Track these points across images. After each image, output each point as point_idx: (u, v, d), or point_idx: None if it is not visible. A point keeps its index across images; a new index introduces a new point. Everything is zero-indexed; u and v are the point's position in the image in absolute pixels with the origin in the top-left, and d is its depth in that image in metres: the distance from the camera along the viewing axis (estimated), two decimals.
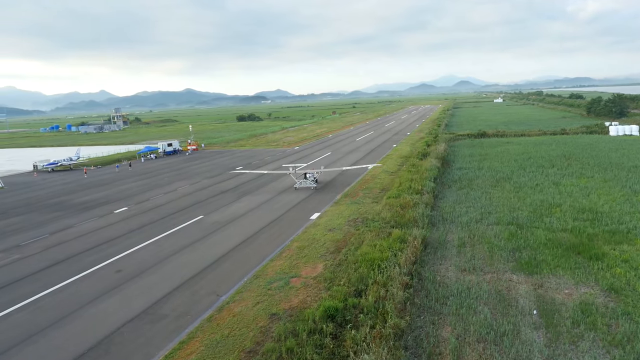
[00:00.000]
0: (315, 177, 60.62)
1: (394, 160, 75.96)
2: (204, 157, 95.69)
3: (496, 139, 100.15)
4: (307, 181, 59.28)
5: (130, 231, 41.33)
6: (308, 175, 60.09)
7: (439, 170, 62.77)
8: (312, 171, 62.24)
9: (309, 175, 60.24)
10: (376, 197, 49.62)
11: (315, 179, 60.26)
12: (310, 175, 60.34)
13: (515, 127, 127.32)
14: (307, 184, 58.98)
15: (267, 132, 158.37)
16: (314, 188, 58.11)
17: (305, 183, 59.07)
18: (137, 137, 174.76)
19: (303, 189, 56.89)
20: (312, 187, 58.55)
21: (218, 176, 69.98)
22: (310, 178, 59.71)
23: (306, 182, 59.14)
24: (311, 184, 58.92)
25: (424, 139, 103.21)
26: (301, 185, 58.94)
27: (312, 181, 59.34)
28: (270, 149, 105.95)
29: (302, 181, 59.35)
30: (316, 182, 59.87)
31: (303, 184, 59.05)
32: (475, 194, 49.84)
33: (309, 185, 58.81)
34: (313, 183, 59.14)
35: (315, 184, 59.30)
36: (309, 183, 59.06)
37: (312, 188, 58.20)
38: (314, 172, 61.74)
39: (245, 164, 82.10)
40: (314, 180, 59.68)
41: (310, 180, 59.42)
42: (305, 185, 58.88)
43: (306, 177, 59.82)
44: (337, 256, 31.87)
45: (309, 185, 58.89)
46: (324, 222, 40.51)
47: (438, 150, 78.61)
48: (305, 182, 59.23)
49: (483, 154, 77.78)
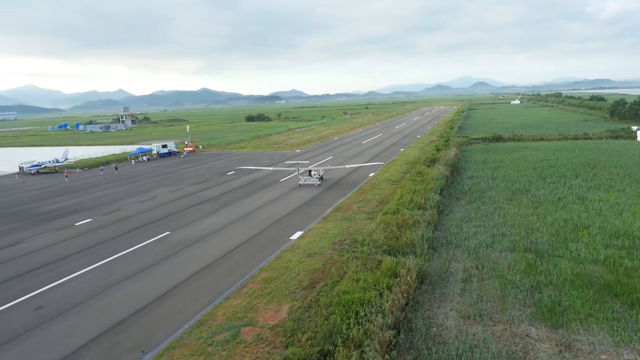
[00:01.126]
0: (320, 175, 60.85)
1: (399, 166, 69.34)
2: (198, 160, 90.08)
3: (512, 144, 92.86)
4: (312, 179, 59.84)
5: (80, 250, 35.50)
6: (313, 173, 60.74)
7: (447, 179, 56.11)
8: (318, 169, 62.84)
9: (314, 172, 60.80)
10: (372, 211, 43.20)
11: (320, 177, 60.47)
12: (316, 172, 60.83)
13: (533, 130, 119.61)
14: (312, 181, 59.53)
15: (272, 133, 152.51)
16: (318, 185, 58.57)
17: (310, 180, 59.62)
18: (141, 137, 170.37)
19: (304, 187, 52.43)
20: (317, 184, 58.95)
21: (205, 182, 64.12)
22: (315, 176, 60.26)
23: (311, 180, 59.70)
24: (315, 181, 59.37)
25: (434, 143, 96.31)
26: (306, 182, 59.45)
27: (316, 179, 59.76)
28: (271, 151, 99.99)
29: (307, 178, 59.95)
30: (321, 180, 60.08)
31: (308, 181, 59.57)
32: (487, 210, 43.18)
33: (313, 183, 59.29)
34: (317, 180, 59.49)
35: (319, 181, 59.52)
36: (314, 180, 59.56)
37: (316, 185, 58.69)
38: (319, 170, 62.23)
39: (239, 168, 76.15)
40: (318, 177, 60.00)
41: (315, 177, 59.98)
42: (309, 182, 59.40)
43: (311, 175, 60.48)
44: (310, 294, 25.61)
45: (314, 182, 59.36)
46: (304, 244, 34.24)
47: (448, 156, 71.79)
48: (310, 179, 59.83)
49: (498, 161, 70.80)
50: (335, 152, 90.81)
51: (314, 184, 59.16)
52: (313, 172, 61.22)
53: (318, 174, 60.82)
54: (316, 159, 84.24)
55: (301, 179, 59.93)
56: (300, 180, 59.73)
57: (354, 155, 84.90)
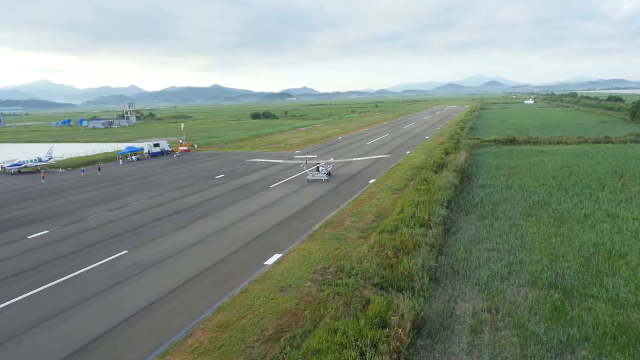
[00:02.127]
0: (328, 170, 61.52)
1: (403, 172, 63.13)
2: (190, 161, 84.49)
3: (528, 147, 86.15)
4: (320, 174, 60.45)
5: (13, 275, 29.81)
6: (321, 168, 61.31)
7: (455, 188, 49.91)
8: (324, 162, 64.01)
9: (322, 168, 61.42)
10: (367, 228, 37.16)
11: (328, 172, 61.18)
12: (323, 168, 61.43)
13: (549, 132, 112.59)
14: (319, 176, 60.21)
15: (274, 131, 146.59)
16: (326, 180, 59.24)
17: (317, 175, 60.31)
18: (142, 134, 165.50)
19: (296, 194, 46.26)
20: (324, 179, 59.74)
21: (188, 187, 58.42)
22: (322, 171, 60.87)
23: (318, 175, 60.40)
24: (323, 177, 60.11)
25: (443, 145, 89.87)
26: (314, 178, 60.27)
27: (324, 174, 60.44)
28: (269, 151, 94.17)
29: (315, 174, 60.70)
30: (328, 175, 60.88)
31: (315, 176, 60.33)
32: (502, 227, 37.02)
33: (320, 178, 60.01)
34: (325, 176, 60.24)
35: (327, 176, 60.36)
36: (321, 176, 60.23)
37: (323, 180, 59.36)
38: (327, 165, 62.71)
39: (231, 170, 70.41)
40: (326, 173, 60.71)
41: (322, 173, 60.58)
42: (317, 178, 60.16)
43: (318, 170, 61.10)
44: (271, 350, 19.71)
45: (321, 177, 60.14)
46: (279, 272, 28.32)
47: (458, 161, 65.46)
48: (317, 174, 60.54)
49: (512, 167, 64.36)
50: (336, 154, 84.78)
51: (321, 179, 60.00)
52: (321, 167, 61.81)
53: (326, 170, 61.57)
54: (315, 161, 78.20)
55: (309, 174, 60.98)
56: (308, 176, 60.79)
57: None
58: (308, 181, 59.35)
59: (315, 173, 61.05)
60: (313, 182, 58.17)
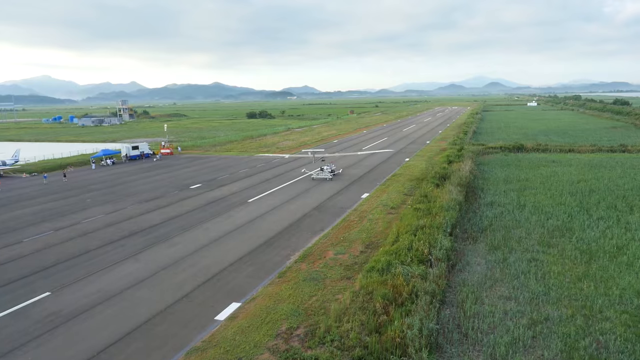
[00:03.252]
0: (333, 169, 62.16)
1: (401, 184, 56.24)
2: (169, 166, 77.54)
3: (537, 155, 79.29)
4: (324, 173, 60.97)
5: None
6: (325, 167, 61.81)
7: (460, 207, 43.09)
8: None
9: (326, 167, 61.98)
10: (353, 263, 30.31)
11: (332, 171, 61.79)
12: (327, 167, 61.96)
13: (557, 138, 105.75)
14: (324, 175, 60.75)
15: (268, 132, 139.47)
16: (330, 179, 59.83)
17: (322, 174, 60.90)
18: (131, 133, 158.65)
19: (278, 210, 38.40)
20: (328, 178, 60.23)
21: (157, 199, 51.49)
22: (327, 170, 61.28)
23: (322, 174, 60.93)
24: (327, 175, 60.58)
25: (445, 152, 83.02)
26: (318, 176, 60.98)
27: (329, 172, 61.00)
28: (257, 155, 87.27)
29: (319, 172, 61.39)
30: (333, 174, 61.48)
31: (320, 175, 60.97)
32: (518, 263, 30.29)
33: (325, 177, 60.53)
34: (329, 174, 60.75)
35: (331, 175, 60.99)
36: (326, 174, 60.75)
37: (327, 179, 59.92)
38: (331, 165, 63.86)
39: (210, 179, 63.42)
40: (330, 172, 61.23)
41: (327, 172, 61.03)
42: (321, 177, 60.75)
43: (322, 169, 61.53)
44: None
45: (325, 176, 60.59)
46: (231, 334, 21.44)
47: (462, 172, 58.58)
48: (322, 173, 61.11)
49: (523, 179, 57.55)
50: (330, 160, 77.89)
51: (325, 178, 60.45)
52: (325, 166, 62.23)
53: (330, 168, 61.90)
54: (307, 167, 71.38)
55: (313, 173, 62.26)
56: (312, 175, 61.87)
57: (349, 166, 71.83)
58: (313, 179, 60.42)
59: (320, 172, 61.62)
60: (298, 196, 51.37)
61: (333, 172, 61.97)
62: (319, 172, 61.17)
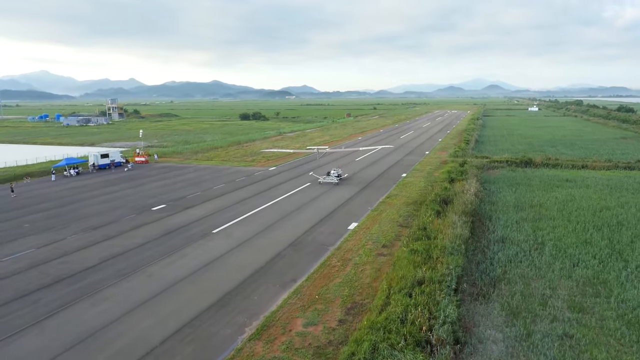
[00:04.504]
0: (339, 174, 63.11)
1: (396, 210, 48.44)
2: (139, 178, 69.49)
3: (548, 172, 71.69)
4: (330, 177, 62.16)
5: None
6: (332, 172, 62.96)
7: (467, 247, 35.49)
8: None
9: (333, 172, 63.07)
10: (326, 343, 22.51)
11: (339, 175, 62.76)
12: (334, 172, 62.91)
13: (566, 149, 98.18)
14: (330, 179, 61.88)
15: (257, 137, 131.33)
16: (336, 184, 60.92)
17: (328, 179, 62.01)
18: (113, 135, 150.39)
19: (244, 248, 30.35)
20: (335, 182, 61.44)
21: (106, 227, 43.47)
22: (333, 174, 62.33)
23: (328, 178, 62.12)
24: (334, 180, 61.71)
25: (446, 166, 75.36)
26: (325, 181, 62.05)
27: (335, 176, 62.10)
28: (239, 167, 79.36)
29: (325, 177, 62.62)
30: (339, 178, 62.39)
31: (327, 179, 62.06)
32: (546, 343, 22.76)
33: (331, 181, 61.64)
34: (336, 179, 61.81)
35: (338, 179, 61.92)
36: (332, 179, 61.83)
37: (334, 184, 61.02)
38: (338, 169, 64.66)
39: (178, 197, 55.42)
40: (337, 176, 62.27)
41: (333, 176, 62.12)
42: (328, 181, 61.83)
43: (329, 174, 62.85)
44: None
45: (332, 180, 61.69)
46: None
47: (467, 195, 50.88)
48: (328, 178, 62.29)
49: (536, 205, 49.94)
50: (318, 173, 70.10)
51: (332, 182, 61.68)
52: (332, 171, 63.47)
53: (337, 173, 62.91)
54: (293, 182, 63.66)
55: (320, 177, 63.43)
56: (319, 179, 63.00)
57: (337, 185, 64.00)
58: (320, 184, 61.46)
59: (326, 177, 62.79)
60: (273, 225, 43.54)
61: (340, 176, 63.41)
62: (325, 177, 63.03)
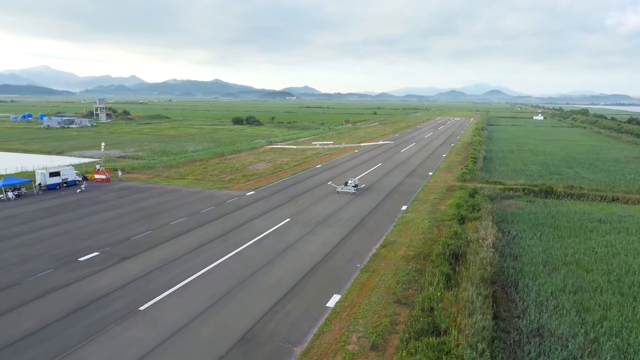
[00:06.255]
0: (357, 184, 65.88)
1: (392, 270, 37.19)
2: (87, 204, 57.97)
3: (573, 205, 60.72)
4: (348, 187, 64.71)
5: None
6: (349, 182, 65.68)
7: (492, 349, 24.52)
8: (354, 179, 68.02)
9: (350, 181, 65.87)
10: None
11: (356, 185, 65.40)
12: (352, 182, 65.82)
13: (587, 172, 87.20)
14: (347, 189, 64.44)
15: (244, 148, 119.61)
16: (354, 194, 63.50)
17: (346, 189, 64.61)
18: (91, 140, 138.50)
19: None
20: (352, 192, 63.94)
21: (1, 292, 32.45)
22: (350, 184, 65.12)
23: (346, 188, 64.71)
24: (351, 189, 64.26)
25: (454, 195, 64.33)
26: (342, 190, 64.65)
27: (352, 186, 64.72)
28: (212, 190, 68.14)
29: (343, 187, 65.22)
30: (356, 188, 65.02)
31: (344, 189, 64.67)
32: None
33: (349, 191, 64.20)
34: (353, 189, 64.29)
35: (355, 189, 64.50)
36: (349, 189, 64.42)
37: (352, 193, 63.65)
38: (355, 179, 67.76)
39: (122, 239, 44.07)
40: (354, 186, 64.78)
41: (351, 186, 64.73)
42: (345, 191, 64.44)
43: (347, 184, 65.50)
44: None
45: (349, 190, 64.23)
46: None
47: (483, 249, 39.77)
48: (345, 187, 64.90)
49: (572, 263, 39.04)
50: (296, 207, 58.95)
51: (349, 192, 63.78)
52: (349, 181, 65.81)
53: (354, 183, 65.11)
54: (270, 215, 52.66)
55: (337, 187, 65.31)
56: (337, 189, 65.02)
57: (321, 222, 52.69)
58: (337, 193, 63.97)
59: (344, 187, 64.96)
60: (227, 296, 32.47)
61: (357, 186, 65.76)
62: (343, 186, 65.33)
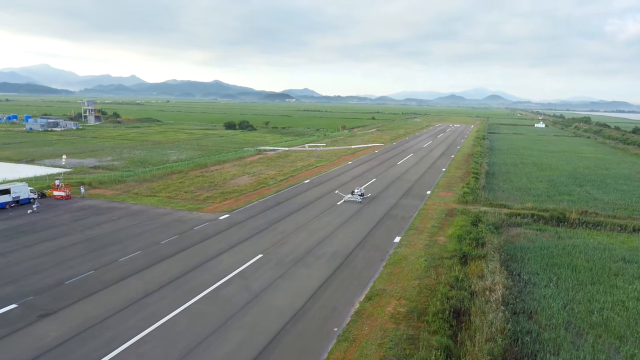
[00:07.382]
0: (363, 193, 67.32)
1: (378, 336, 29.75)
2: (29, 232, 50.06)
3: (590, 237, 53.50)
4: (354, 196, 66.01)
5: None
6: (355, 191, 67.38)
7: None
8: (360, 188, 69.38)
9: (356, 190, 67.62)
10: None
11: (362, 194, 66.96)
12: (358, 190, 67.56)
13: (598, 192, 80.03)
14: (354, 198, 65.67)
15: (229, 158, 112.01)
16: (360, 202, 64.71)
17: (352, 198, 65.90)
18: (71, 146, 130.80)
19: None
20: (358, 201, 65.25)
21: None
22: (356, 193, 66.79)
23: (352, 197, 66.01)
24: (357, 198, 65.60)
25: (454, 222, 56.99)
26: (348, 199, 65.75)
27: (359, 195, 66.30)
28: (182, 211, 60.71)
29: (349, 196, 66.46)
30: (362, 197, 66.28)
31: (351, 198, 65.80)
32: None
33: (355, 200, 65.52)
34: (359, 198, 65.72)
35: (361, 198, 65.71)
36: (355, 197, 65.79)
37: (358, 202, 65.01)
38: (361, 188, 69.25)
39: (55, 283, 36.72)
40: (360, 195, 66.33)
41: (357, 194, 66.23)
42: (352, 199, 65.65)
43: (353, 193, 67.09)
44: None
45: (355, 199, 65.54)
46: None
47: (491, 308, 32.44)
48: (351, 197, 66.17)
49: (600, 325, 31.95)
50: (273, 237, 51.58)
51: (355, 200, 65.60)
52: (356, 190, 67.99)
53: (360, 192, 67.25)
54: (240, 249, 45.33)
55: (344, 196, 66.99)
56: (344, 197, 66.60)
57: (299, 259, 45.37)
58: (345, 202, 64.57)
59: (350, 196, 66.10)
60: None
61: (363, 195, 67.16)
62: (349, 195, 66.55)
